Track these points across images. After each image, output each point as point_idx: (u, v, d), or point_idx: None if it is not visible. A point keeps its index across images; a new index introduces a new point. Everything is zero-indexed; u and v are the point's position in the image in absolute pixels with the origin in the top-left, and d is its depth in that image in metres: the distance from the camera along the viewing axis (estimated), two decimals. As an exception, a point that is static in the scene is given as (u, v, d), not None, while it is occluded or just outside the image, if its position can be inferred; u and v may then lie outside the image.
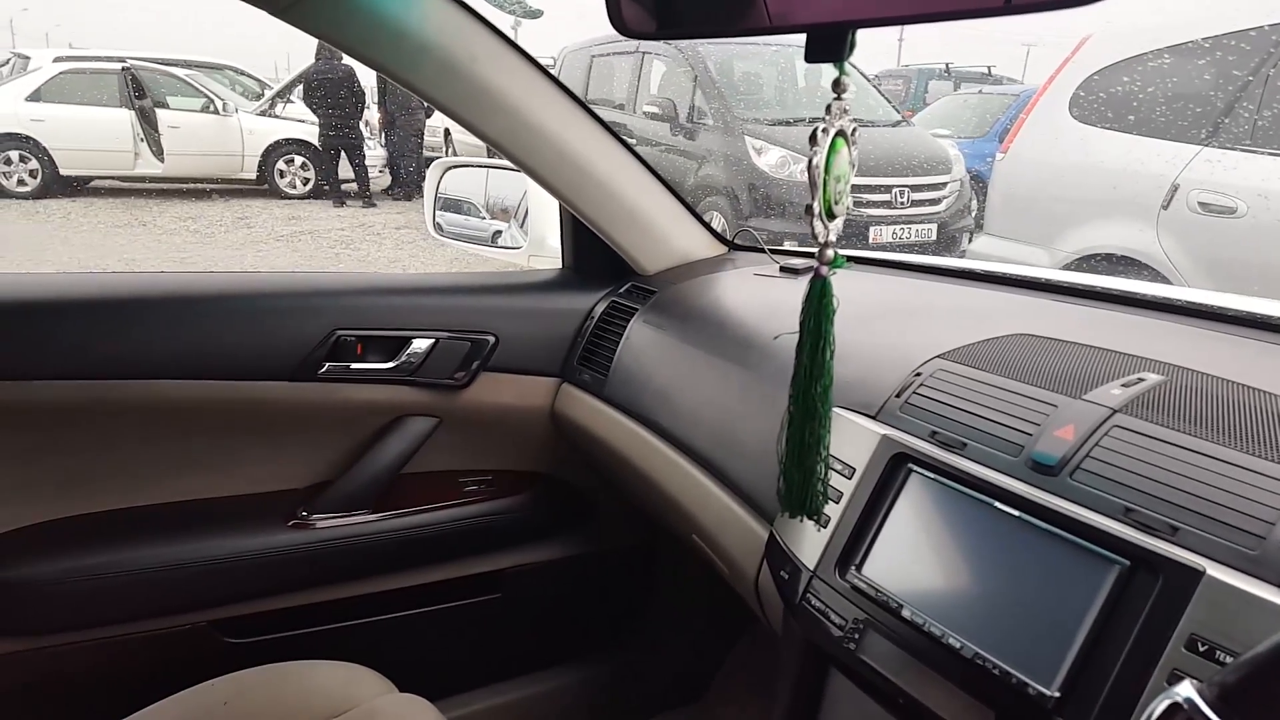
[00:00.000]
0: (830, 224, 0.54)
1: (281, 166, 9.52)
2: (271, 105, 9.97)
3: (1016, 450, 0.73)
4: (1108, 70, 3.93)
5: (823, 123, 0.52)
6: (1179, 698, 0.43)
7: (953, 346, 0.89)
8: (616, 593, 1.58)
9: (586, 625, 1.56)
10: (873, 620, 0.75)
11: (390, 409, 1.28)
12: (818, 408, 0.64)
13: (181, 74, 9.67)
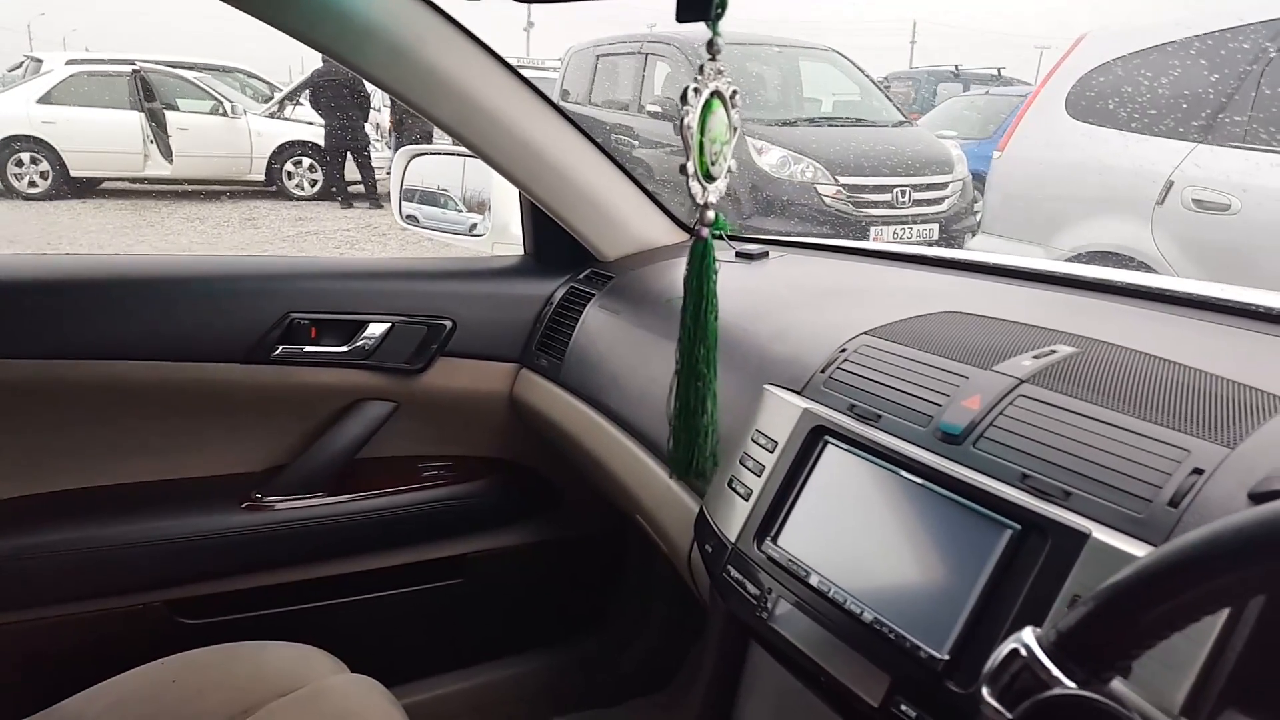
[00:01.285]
0: (710, 186, 0.55)
1: (289, 168, 9.59)
2: (280, 108, 10.05)
3: (926, 421, 0.74)
4: (1103, 68, 3.91)
5: (695, 84, 0.52)
6: (1018, 644, 0.43)
7: (882, 323, 0.90)
8: (583, 580, 1.58)
9: (553, 613, 1.56)
10: (784, 590, 0.75)
11: (346, 393, 1.29)
12: (702, 369, 0.65)
13: (191, 77, 9.76)
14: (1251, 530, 0.37)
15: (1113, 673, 0.41)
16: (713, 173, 0.55)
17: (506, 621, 1.51)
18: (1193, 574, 0.38)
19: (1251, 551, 0.37)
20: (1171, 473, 0.59)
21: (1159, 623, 0.40)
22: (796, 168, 6.26)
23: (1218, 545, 0.38)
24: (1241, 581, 0.38)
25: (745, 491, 0.83)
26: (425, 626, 1.42)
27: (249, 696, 0.98)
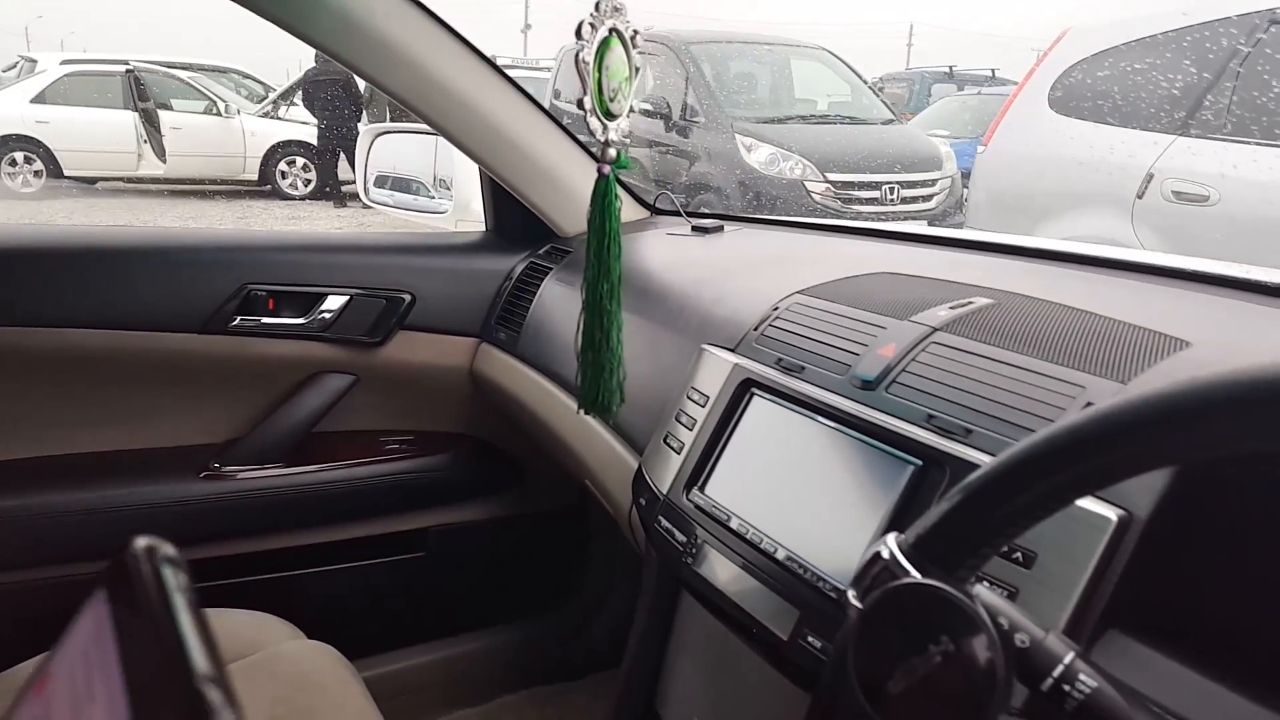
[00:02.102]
0: (611, 123, 0.56)
1: (283, 168, 9.60)
2: (274, 107, 10.07)
3: (845, 370, 0.75)
4: (1084, 63, 3.94)
5: (590, 19, 0.54)
6: (880, 547, 0.45)
7: (815, 283, 0.91)
8: (548, 555, 1.60)
9: (517, 587, 1.58)
10: (708, 535, 0.77)
11: (305, 365, 1.30)
12: (605, 304, 0.66)
13: (185, 77, 9.78)
14: (1084, 429, 0.39)
15: (965, 570, 0.42)
16: (612, 110, 0.57)
17: (470, 596, 1.52)
18: (1030, 472, 0.40)
19: (1081, 449, 0.39)
20: (1066, 407, 0.61)
21: (1004, 521, 0.41)
22: (785, 165, 6.28)
23: (1053, 444, 0.39)
24: (1075, 479, 0.39)
25: (678, 445, 0.85)
26: (387, 599, 1.43)
27: None
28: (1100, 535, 0.53)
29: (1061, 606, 0.53)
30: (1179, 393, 0.35)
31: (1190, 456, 0.36)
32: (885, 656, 0.39)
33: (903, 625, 0.39)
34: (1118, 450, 0.38)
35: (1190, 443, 0.36)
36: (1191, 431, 0.35)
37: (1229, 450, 0.36)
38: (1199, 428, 0.35)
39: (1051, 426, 0.40)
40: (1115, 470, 0.38)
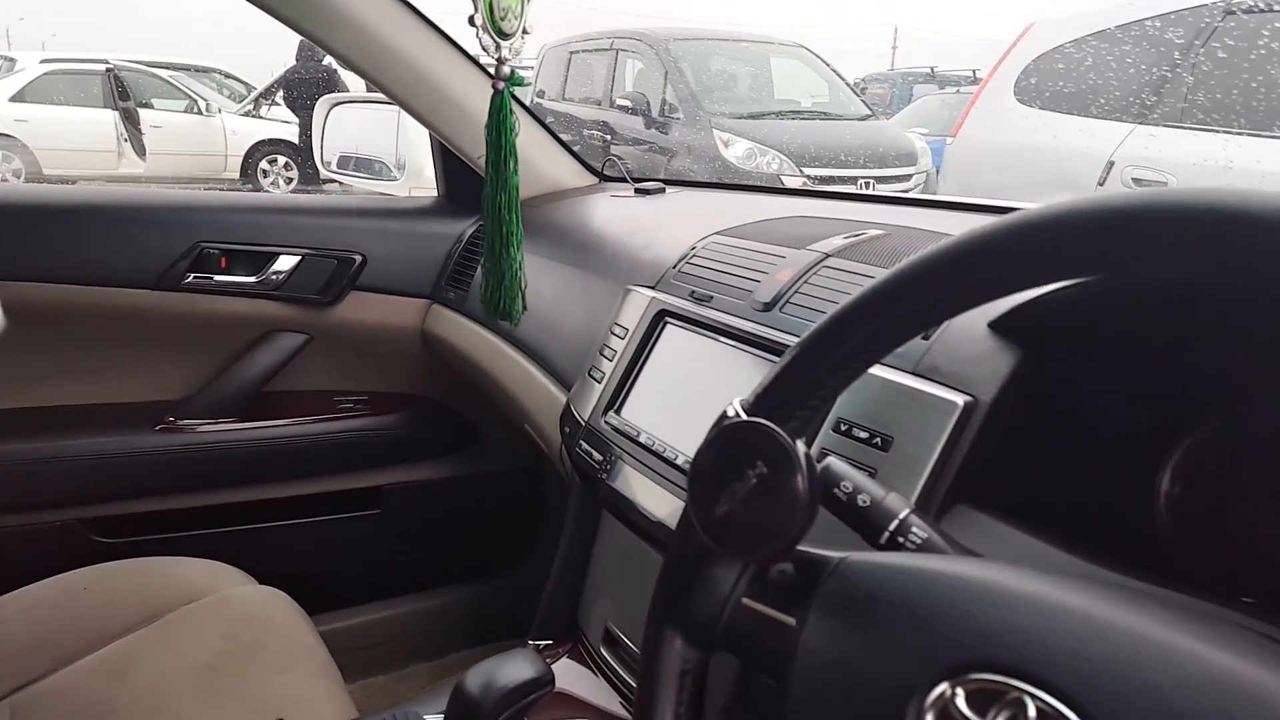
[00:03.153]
0: (504, 42, 0.61)
1: (264, 166, 9.60)
2: (255, 106, 10.07)
3: (747, 295, 0.80)
4: (1049, 54, 4.02)
5: (479, -56, 0.58)
6: (727, 408, 0.49)
7: (732, 225, 0.96)
8: (503, 516, 1.64)
9: (473, 547, 1.62)
10: (622, 451, 0.82)
11: (258, 323, 1.34)
12: (504, 214, 0.71)
13: (166, 76, 9.77)
14: (869, 295, 0.43)
15: (796, 422, 0.47)
16: (504, 29, 0.61)
17: (426, 554, 1.56)
18: (845, 328, 0.45)
19: (871, 309, 0.43)
20: None
21: (823, 376, 0.46)
22: (763, 159, 6.34)
23: (851, 310, 0.44)
24: (874, 337, 0.44)
25: (600, 376, 0.90)
26: (342, 556, 1.47)
27: (157, 604, 1.02)
28: (947, 419, 0.58)
29: (913, 483, 0.58)
30: (946, 248, 0.40)
31: (961, 304, 0.41)
32: (713, 485, 0.44)
33: (728, 457, 0.44)
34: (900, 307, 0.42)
35: (958, 291, 0.41)
36: (957, 281, 0.40)
37: (994, 294, 0.41)
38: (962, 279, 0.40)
39: (854, 295, 0.45)
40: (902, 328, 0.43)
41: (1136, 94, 3.73)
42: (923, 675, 0.35)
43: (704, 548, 0.46)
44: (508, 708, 0.67)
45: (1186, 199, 0.32)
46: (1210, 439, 0.59)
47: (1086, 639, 0.33)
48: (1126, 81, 3.74)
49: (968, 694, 0.34)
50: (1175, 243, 0.32)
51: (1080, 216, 0.35)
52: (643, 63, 7.42)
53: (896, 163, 6.39)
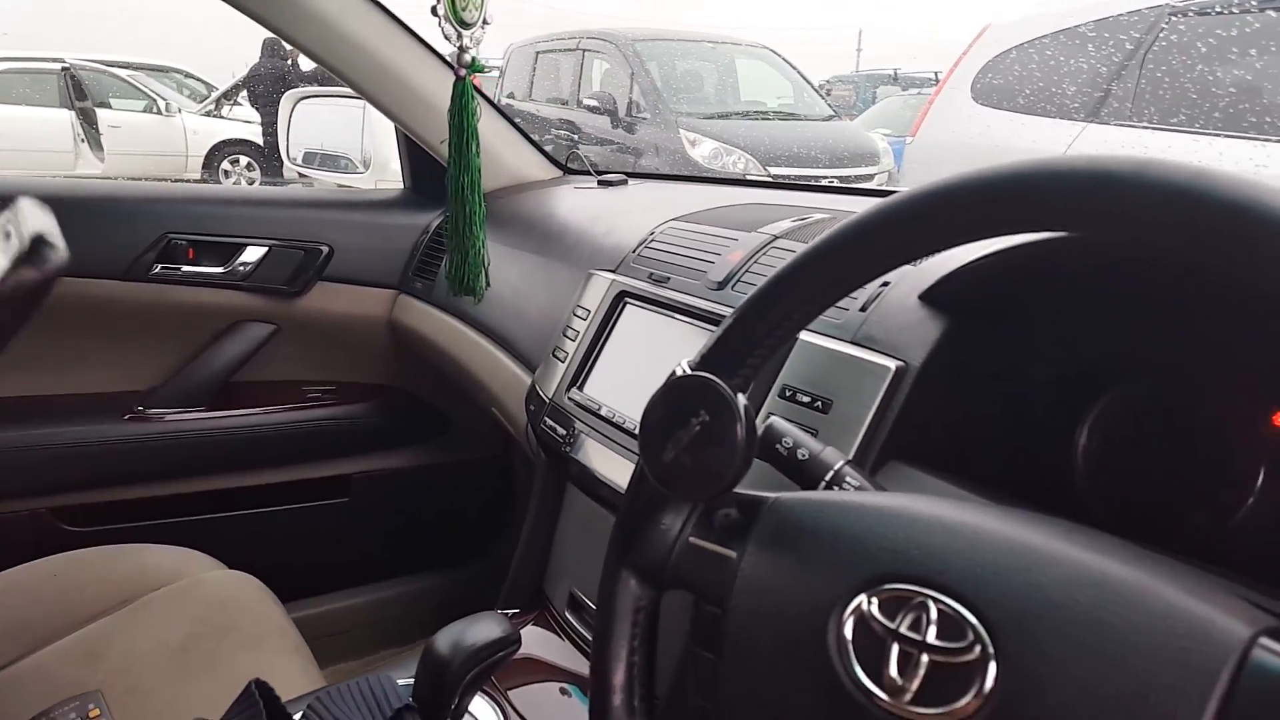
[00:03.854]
0: (465, 31, 0.64)
1: (226, 166, 9.49)
2: (217, 106, 9.96)
3: (701, 276, 0.85)
4: (1004, 55, 4.12)
5: (442, -60, 0.62)
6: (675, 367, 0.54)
7: (689, 212, 1.01)
8: (472, 503, 1.66)
9: (443, 534, 1.64)
10: (584, 425, 0.86)
11: (225, 313, 1.36)
12: (467, 195, 0.75)
13: (124, 75, 9.63)
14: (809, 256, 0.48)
15: (738, 379, 0.51)
16: (465, 19, 0.65)
17: (396, 541, 1.58)
18: (776, 295, 0.49)
19: (803, 273, 0.48)
20: (867, 287, 0.71)
21: (761, 335, 0.50)
22: (729, 159, 6.40)
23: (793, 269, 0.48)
24: (808, 297, 0.48)
25: (563, 356, 0.94)
26: (312, 543, 1.49)
27: (127, 589, 1.04)
28: (880, 382, 0.63)
29: (850, 441, 0.63)
30: (852, 223, 0.45)
31: (871, 271, 0.46)
32: (662, 434, 0.48)
33: (674, 409, 0.48)
34: (820, 276, 0.47)
35: (866, 260, 0.45)
36: (865, 251, 0.45)
37: (894, 262, 0.45)
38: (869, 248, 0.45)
39: (782, 266, 0.49)
40: (832, 289, 0.47)
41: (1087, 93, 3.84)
42: (843, 589, 0.40)
43: (655, 494, 0.50)
44: (475, 665, 0.70)
45: (1054, 166, 0.37)
46: (1122, 398, 0.65)
47: (979, 550, 0.37)
48: (1078, 81, 3.85)
49: (881, 602, 0.38)
50: (1044, 205, 0.37)
51: (968, 187, 0.39)
52: (609, 63, 7.46)
53: (859, 162, 6.49)
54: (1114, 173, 0.35)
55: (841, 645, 0.39)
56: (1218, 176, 0.33)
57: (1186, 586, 0.33)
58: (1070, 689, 0.32)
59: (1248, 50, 3.37)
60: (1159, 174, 0.34)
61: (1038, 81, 3.98)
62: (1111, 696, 0.32)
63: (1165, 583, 0.34)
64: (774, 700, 0.41)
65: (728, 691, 0.43)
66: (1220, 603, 0.33)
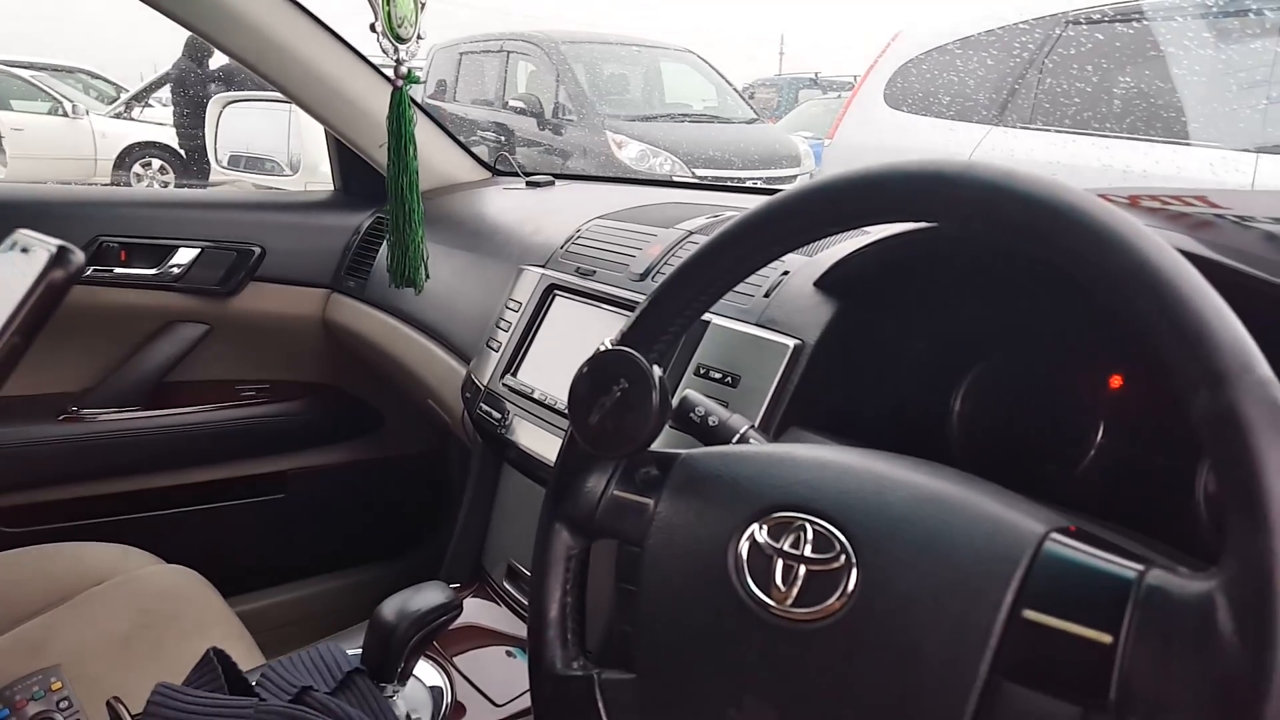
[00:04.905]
0: (402, 46, 0.71)
1: (138, 170, 9.18)
2: (127, 108, 9.64)
3: (624, 268, 0.92)
4: (914, 61, 4.32)
5: (378, -40, 0.68)
6: (600, 345, 0.61)
7: (613, 210, 1.08)
8: (408, 497, 1.70)
9: (380, 528, 1.68)
10: (518, 408, 0.92)
11: (158, 314, 1.38)
12: (406, 195, 0.81)
13: (26, 75, 9.24)
14: (715, 242, 0.55)
15: (654, 352, 0.58)
16: (401, 35, 0.71)
17: (334, 536, 1.62)
18: (684, 280, 0.56)
19: (711, 257, 0.55)
20: (770, 276, 0.79)
21: (672, 312, 0.57)
22: (655, 160, 6.49)
23: (697, 259, 0.56)
24: (713, 279, 0.56)
25: (497, 346, 1.00)
26: (251, 538, 1.52)
27: (66, 586, 1.06)
28: (781, 359, 0.71)
29: (756, 410, 0.71)
30: (744, 217, 0.53)
31: (760, 259, 0.54)
32: (588, 400, 0.55)
33: (598, 378, 0.55)
34: (726, 256, 0.55)
35: (756, 248, 0.53)
36: (754, 240, 0.53)
37: (793, 245, 0.53)
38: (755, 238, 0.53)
39: (689, 255, 0.57)
40: (729, 275, 0.55)
41: (993, 98, 4.05)
42: (739, 521, 0.48)
43: (583, 454, 0.57)
44: (420, 629, 0.76)
45: (902, 167, 0.45)
46: (990, 369, 0.75)
47: (845, 481, 0.46)
48: (984, 87, 4.06)
49: (769, 528, 0.46)
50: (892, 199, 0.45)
51: (834, 185, 0.48)
52: (534, 65, 7.48)
53: (781, 164, 6.67)
54: (944, 173, 0.44)
55: (738, 565, 0.46)
56: (1022, 176, 0.42)
57: (1002, 500, 0.42)
58: (911, 581, 0.41)
59: (1138, 58, 3.60)
60: (977, 174, 0.43)
61: (946, 87, 4.18)
62: (942, 584, 0.40)
63: (986, 497, 0.42)
64: (684, 615, 0.48)
65: (645, 613, 0.50)
66: (1026, 509, 0.41)
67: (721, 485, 0.50)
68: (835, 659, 0.42)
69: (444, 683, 0.82)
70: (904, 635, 0.40)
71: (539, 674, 0.55)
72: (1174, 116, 3.05)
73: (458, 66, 8.00)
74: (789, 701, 0.43)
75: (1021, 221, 0.40)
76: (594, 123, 6.73)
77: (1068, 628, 0.36)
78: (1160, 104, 3.30)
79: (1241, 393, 0.33)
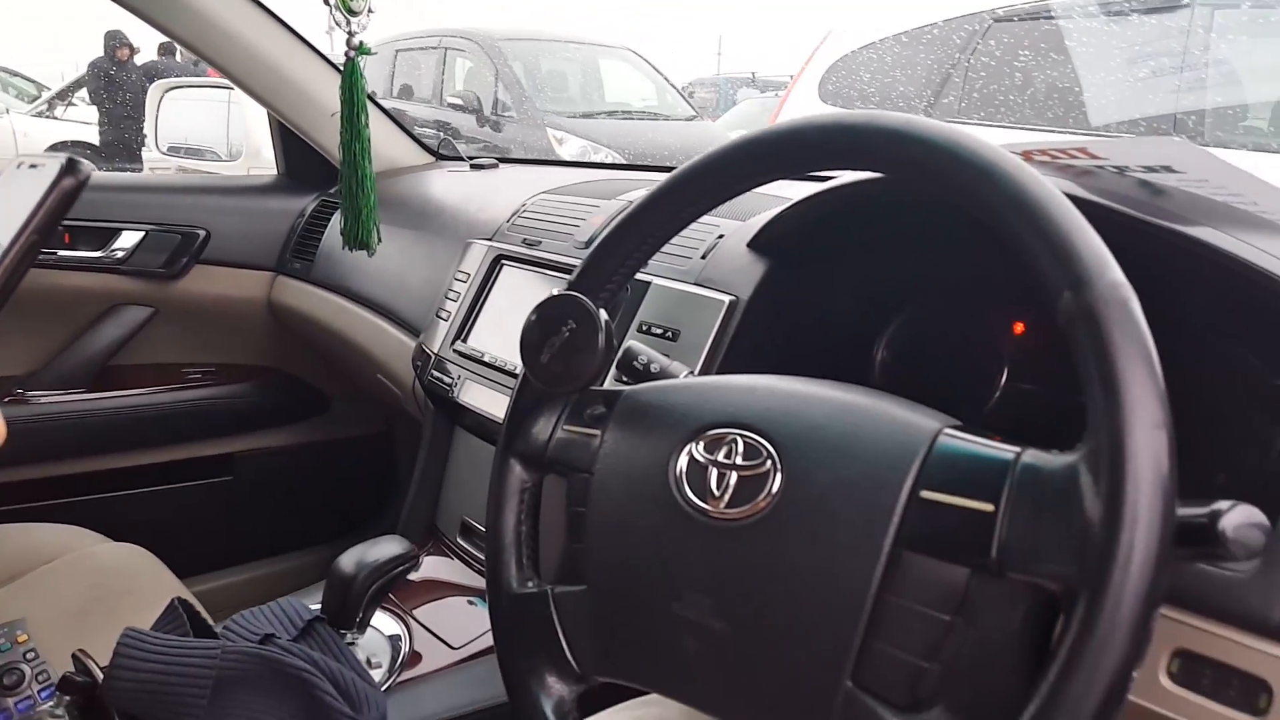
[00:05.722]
0: (354, 19, 0.74)
1: (62, 168, 8.89)
2: (50, 107, 9.32)
3: (569, 237, 0.97)
4: (846, 58, 4.44)
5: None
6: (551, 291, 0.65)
7: (557, 186, 1.13)
8: (357, 479, 1.72)
9: (328, 510, 1.69)
10: (468, 371, 0.96)
11: (103, 297, 1.38)
12: (359, 160, 0.85)
13: (-61, 72, 8.89)
14: (653, 195, 0.60)
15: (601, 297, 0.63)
16: (353, 8, 0.75)
17: (283, 518, 1.62)
18: (624, 232, 0.61)
19: (652, 207, 0.60)
20: (706, 239, 0.85)
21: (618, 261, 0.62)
22: (596, 157, 6.54)
23: (636, 211, 0.61)
24: (653, 229, 0.61)
25: (446, 315, 1.04)
26: (198, 521, 1.52)
27: (15, 566, 1.06)
28: (717, 314, 0.77)
29: (695, 361, 0.76)
30: (675, 174, 0.58)
31: (691, 212, 0.59)
32: (539, 341, 0.59)
33: (548, 321, 0.60)
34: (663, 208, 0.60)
35: (687, 202, 0.58)
36: (684, 194, 0.58)
37: (726, 196, 0.58)
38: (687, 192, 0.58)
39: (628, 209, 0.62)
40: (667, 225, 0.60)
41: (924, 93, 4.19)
42: (677, 440, 0.53)
43: (535, 394, 0.62)
44: (378, 578, 0.80)
45: (819, 120, 0.51)
46: (910, 319, 0.81)
47: (772, 399, 0.51)
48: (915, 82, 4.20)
49: (705, 444, 0.52)
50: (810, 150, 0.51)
51: (763, 138, 0.53)
52: (472, 61, 7.45)
53: (720, 159, 6.77)
54: (853, 123, 0.50)
55: (678, 478, 0.52)
56: (921, 122, 0.48)
57: (905, 406, 0.48)
58: (827, 476, 0.46)
59: (1059, 53, 3.75)
60: (882, 122, 0.49)
61: (877, 83, 4.30)
62: (853, 476, 0.46)
63: (891, 404, 0.48)
64: (629, 528, 0.53)
65: (594, 530, 0.55)
66: (924, 412, 0.47)
67: (661, 412, 0.55)
68: (763, 548, 0.47)
69: (403, 632, 0.86)
70: (821, 522, 0.46)
71: (497, 594, 0.60)
72: (1084, 107, 3.22)
73: (393, 64, 7.93)
74: (723, 589, 0.48)
75: (922, 161, 0.46)
76: (534, 119, 6.74)
77: (957, 502, 0.42)
78: (1076, 97, 3.47)
79: (1098, 293, 0.39)
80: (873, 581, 0.43)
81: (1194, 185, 0.57)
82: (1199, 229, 0.55)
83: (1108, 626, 0.35)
